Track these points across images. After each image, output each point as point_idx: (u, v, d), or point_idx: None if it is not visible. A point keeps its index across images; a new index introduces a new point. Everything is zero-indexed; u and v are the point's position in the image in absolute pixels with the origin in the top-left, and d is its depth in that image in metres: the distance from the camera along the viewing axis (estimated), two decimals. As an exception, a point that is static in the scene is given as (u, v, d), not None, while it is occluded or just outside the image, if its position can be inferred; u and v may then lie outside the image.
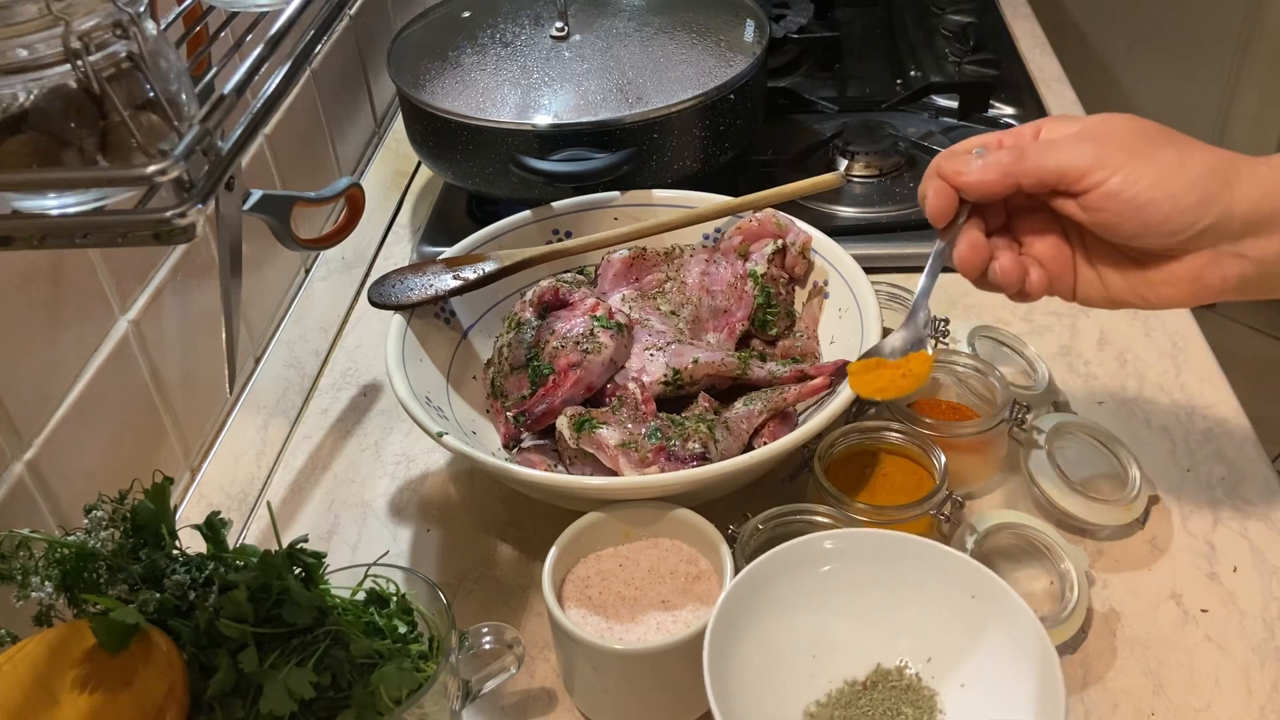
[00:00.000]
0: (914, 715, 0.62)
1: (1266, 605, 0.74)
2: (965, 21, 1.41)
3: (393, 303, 0.85)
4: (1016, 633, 0.60)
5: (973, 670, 0.62)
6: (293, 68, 0.51)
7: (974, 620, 0.62)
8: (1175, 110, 2.37)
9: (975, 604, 0.62)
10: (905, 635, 0.64)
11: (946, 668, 0.63)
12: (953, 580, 0.63)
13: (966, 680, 0.62)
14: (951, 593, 0.63)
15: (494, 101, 1.01)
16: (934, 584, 0.63)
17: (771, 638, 0.63)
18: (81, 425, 0.73)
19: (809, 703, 0.64)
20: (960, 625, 0.62)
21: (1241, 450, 0.85)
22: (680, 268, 0.91)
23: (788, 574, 0.64)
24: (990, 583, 0.62)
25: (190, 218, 0.43)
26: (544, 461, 0.79)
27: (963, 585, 0.63)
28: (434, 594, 0.65)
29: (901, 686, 0.63)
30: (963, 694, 0.61)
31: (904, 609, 0.64)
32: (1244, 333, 2.46)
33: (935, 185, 0.63)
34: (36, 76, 0.43)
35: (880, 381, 0.62)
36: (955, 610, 0.63)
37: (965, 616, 0.62)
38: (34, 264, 0.69)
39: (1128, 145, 0.59)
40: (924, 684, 0.63)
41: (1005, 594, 0.61)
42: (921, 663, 0.64)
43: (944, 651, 0.63)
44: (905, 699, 0.62)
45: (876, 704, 0.62)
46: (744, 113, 1.05)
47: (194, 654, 0.57)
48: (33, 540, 0.57)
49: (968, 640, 0.62)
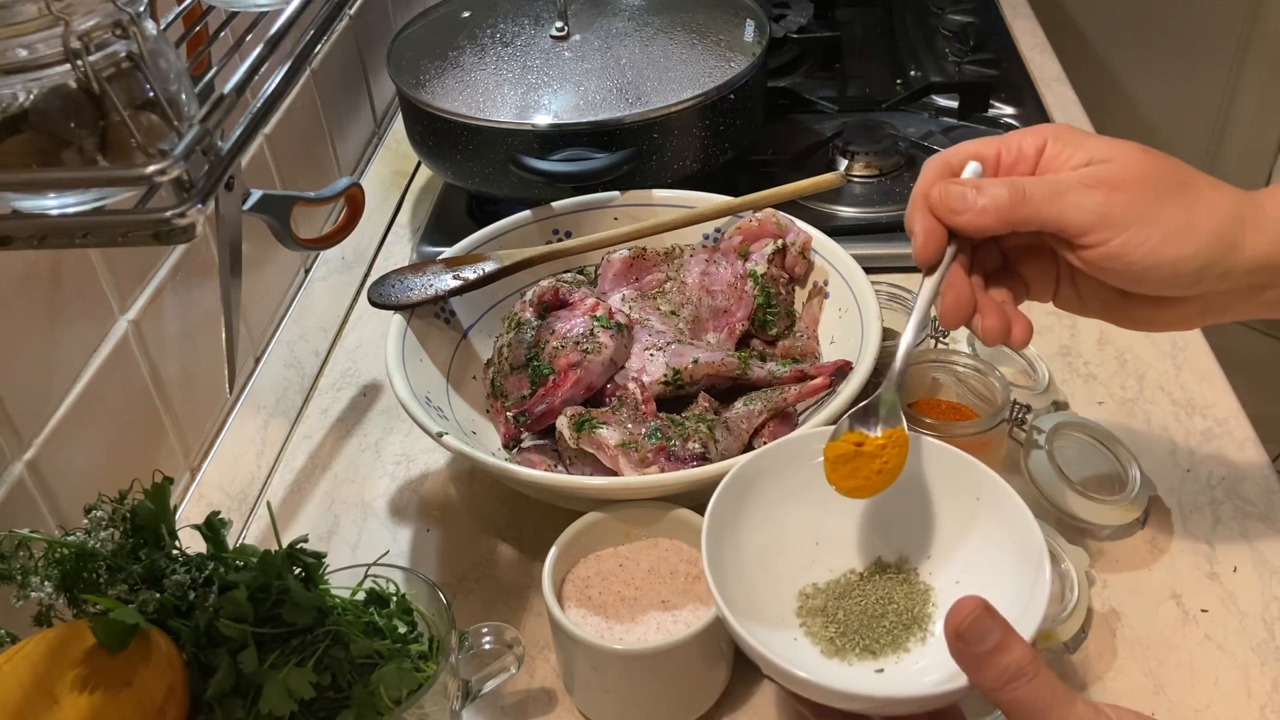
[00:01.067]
0: (905, 605, 0.62)
1: (1266, 605, 0.74)
2: (965, 21, 1.41)
3: (393, 303, 0.85)
4: (1014, 535, 0.60)
5: (969, 568, 0.63)
6: (293, 68, 0.51)
7: (976, 520, 0.63)
8: (1175, 110, 2.37)
9: (978, 505, 0.63)
10: (907, 532, 0.65)
11: (944, 565, 0.64)
12: (958, 481, 0.64)
13: (962, 578, 0.63)
14: (956, 493, 0.64)
15: (494, 101, 1.01)
16: (939, 484, 0.64)
17: (774, 523, 0.65)
18: (81, 425, 0.73)
19: (805, 584, 0.65)
20: (960, 525, 0.64)
21: (1241, 450, 0.85)
22: (680, 268, 0.91)
23: (794, 463, 0.65)
24: (994, 485, 0.62)
25: (190, 218, 0.43)
26: (544, 461, 0.79)
27: (967, 487, 0.63)
28: (434, 594, 0.65)
29: (898, 580, 0.64)
30: (957, 590, 0.61)
31: (908, 507, 0.65)
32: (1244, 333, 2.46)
33: (925, 224, 0.60)
34: (36, 76, 0.43)
35: (857, 479, 0.61)
36: (958, 510, 0.64)
37: (967, 517, 0.63)
38: (34, 264, 0.69)
39: (1135, 200, 0.57)
40: (920, 578, 0.64)
41: (1008, 496, 0.61)
42: (921, 559, 0.65)
43: (943, 549, 0.64)
44: (900, 591, 0.64)
45: (870, 593, 0.64)
46: (744, 113, 1.05)
47: (194, 654, 0.57)
48: (33, 540, 0.57)
49: (967, 540, 0.63)
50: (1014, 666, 0.49)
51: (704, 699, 0.70)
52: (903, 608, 0.63)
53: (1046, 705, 0.48)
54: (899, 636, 0.61)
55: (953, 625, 0.50)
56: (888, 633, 0.62)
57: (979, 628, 0.49)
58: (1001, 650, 0.49)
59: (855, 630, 0.62)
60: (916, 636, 0.62)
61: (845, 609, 0.63)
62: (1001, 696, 0.49)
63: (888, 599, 0.63)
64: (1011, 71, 1.32)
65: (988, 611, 0.50)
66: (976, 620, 0.49)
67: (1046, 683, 0.48)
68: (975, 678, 0.50)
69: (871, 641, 0.61)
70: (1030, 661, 0.49)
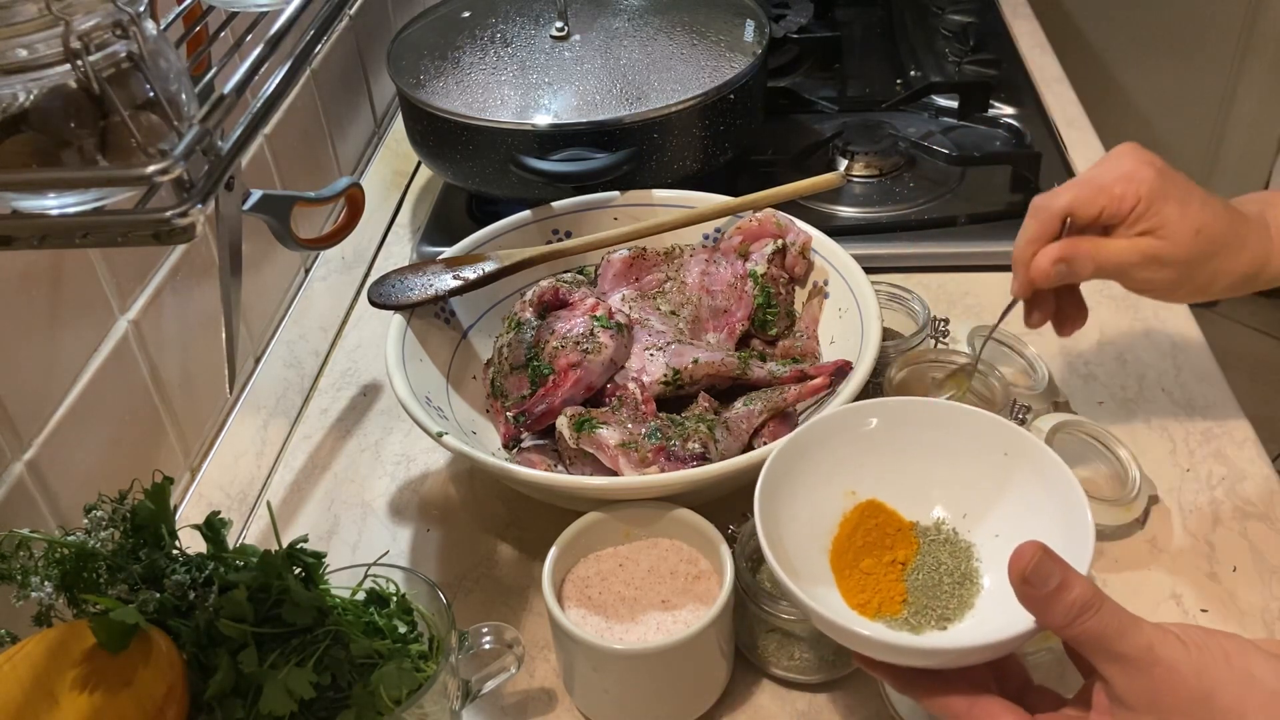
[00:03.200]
0: (953, 565, 0.65)
1: (1266, 605, 0.74)
2: (965, 21, 1.41)
3: (393, 303, 0.85)
4: (1047, 483, 0.63)
5: (1006, 522, 0.65)
6: (293, 68, 0.51)
7: (1006, 475, 0.65)
8: (1175, 110, 2.37)
9: (1007, 460, 0.65)
10: (942, 494, 0.67)
11: (982, 521, 0.66)
12: (985, 439, 0.66)
13: (1001, 531, 0.65)
14: (985, 451, 0.66)
15: (494, 101, 1.01)
16: (968, 444, 0.67)
17: (816, 497, 0.67)
18: (81, 425, 0.73)
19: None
20: (993, 481, 0.66)
21: (1241, 450, 0.85)
22: (680, 268, 0.91)
23: (832, 439, 0.68)
24: (1021, 438, 0.65)
25: (190, 218, 0.43)
26: (544, 461, 0.79)
27: (995, 443, 0.66)
28: (434, 594, 0.65)
29: (940, 540, 0.66)
30: (997, 544, 0.64)
31: (941, 470, 0.67)
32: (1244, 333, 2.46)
33: (1021, 286, 0.74)
34: (36, 76, 0.43)
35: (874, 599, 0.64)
36: (988, 467, 0.66)
37: (998, 472, 0.65)
38: (34, 264, 0.69)
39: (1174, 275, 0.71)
40: (960, 537, 0.66)
41: (1035, 447, 0.64)
42: (958, 518, 0.67)
43: (979, 506, 0.66)
44: (945, 549, 0.66)
45: (921, 564, 0.65)
46: (744, 113, 1.05)
47: (194, 654, 0.57)
48: (33, 540, 0.57)
49: (1001, 495, 0.65)
50: (1079, 601, 0.51)
51: (704, 699, 0.70)
52: (952, 567, 0.65)
53: (1117, 632, 0.50)
54: (963, 597, 0.63)
55: (1018, 571, 0.52)
56: (951, 595, 0.63)
57: (1043, 570, 0.51)
58: (1065, 588, 0.51)
59: (924, 605, 0.63)
60: (971, 592, 0.64)
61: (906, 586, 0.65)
62: (1072, 631, 0.51)
63: (937, 564, 0.65)
64: (1011, 71, 1.32)
65: (1047, 554, 0.52)
66: (1040, 564, 0.51)
67: (1113, 611, 0.51)
68: (1044, 618, 0.52)
69: (942, 609, 0.63)
70: (1094, 594, 0.51)
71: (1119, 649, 0.50)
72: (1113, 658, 0.50)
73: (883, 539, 0.66)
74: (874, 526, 0.66)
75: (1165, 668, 0.49)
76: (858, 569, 0.65)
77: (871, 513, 0.67)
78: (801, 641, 0.70)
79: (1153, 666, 0.49)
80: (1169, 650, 0.50)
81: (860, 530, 0.66)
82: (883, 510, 0.67)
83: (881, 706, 0.70)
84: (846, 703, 0.71)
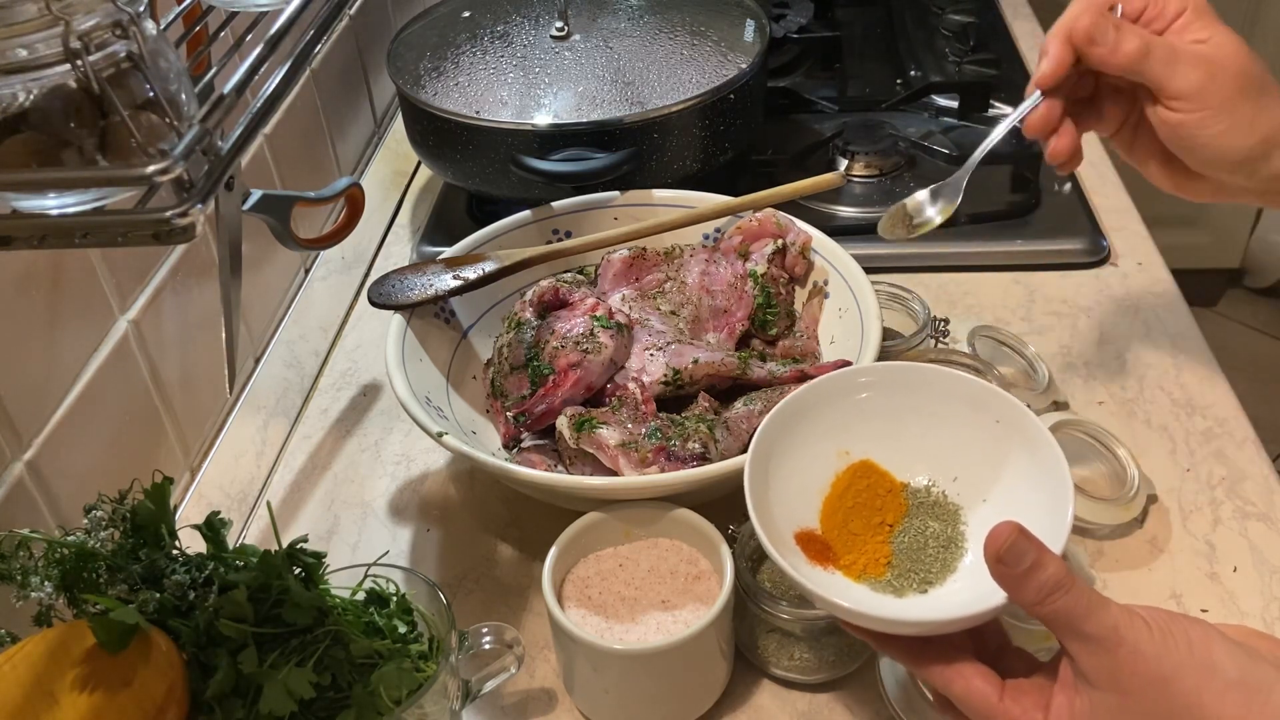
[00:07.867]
0: (939, 529, 0.66)
1: (1266, 605, 0.74)
2: (965, 21, 1.41)
3: (393, 303, 0.85)
4: (1035, 450, 0.64)
5: (995, 487, 0.66)
6: (292, 68, 0.51)
7: (997, 442, 0.66)
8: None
9: (999, 427, 0.66)
10: (934, 458, 0.68)
11: (971, 486, 0.67)
12: (978, 406, 0.67)
13: (989, 496, 0.66)
14: (977, 418, 0.67)
15: (494, 101, 1.01)
16: (961, 411, 0.67)
17: (808, 460, 0.67)
18: (81, 425, 0.73)
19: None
20: (983, 448, 0.66)
21: (1241, 450, 0.85)
22: (680, 268, 0.91)
23: (825, 403, 0.68)
24: (1012, 407, 0.65)
25: (190, 218, 0.43)
26: (544, 461, 0.79)
27: (987, 411, 0.66)
28: (434, 594, 0.65)
29: (929, 503, 0.67)
30: (985, 508, 0.66)
31: (933, 434, 0.68)
32: (1244, 333, 2.46)
33: (1058, 50, 0.69)
34: (36, 76, 0.43)
35: (859, 560, 0.65)
36: (980, 434, 0.66)
37: (989, 439, 0.66)
38: (34, 264, 0.69)
39: (1225, 88, 0.67)
40: (950, 500, 0.67)
41: (1025, 417, 0.65)
42: (948, 482, 0.68)
43: (969, 471, 0.67)
44: (933, 513, 0.66)
45: (909, 526, 0.66)
46: (744, 113, 1.05)
47: (194, 654, 0.57)
48: (33, 540, 0.57)
49: (991, 461, 0.66)
50: (1050, 581, 0.52)
51: (704, 699, 0.70)
52: (939, 530, 0.65)
53: (1085, 613, 0.51)
54: (946, 560, 0.64)
55: (993, 550, 0.53)
56: (935, 559, 0.64)
57: (1016, 550, 0.52)
58: (1038, 568, 0.52)
59: (907, 569, 0.64)
60: (955, 556, 0.64)
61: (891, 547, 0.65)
62: (1042, 610, 0.52)
63: (924, 527, 0.66)
64: (1011, 71, 1.32)
65: (1023, 534, 0.53)
66: (1014, 544, 0.52)
67: (1082, 592, 0.52)
68: (1016, 596, 0.53)
69: (925, 572, 0.64)
70: (1065, 575, 0.52)
71: (1085, 629, 0.51)
72: (1080, 636, 0.51)
73: (873, 500, 0.67)
74: (865, 487, 0.67)
75: (1129, 649, 0.50)
76: (846, 530, 0.65)
77: (864, 473, 0.67)
78: (801, 641, 0.70)
79: (1117, 647, 0.51)
80: (1134, 633, 0.51)
81: (851, 490, 0.67)
82: (875, 470, 0.68)
83: (881, 706, 0.70)
84: (846, 703, 0.71)
